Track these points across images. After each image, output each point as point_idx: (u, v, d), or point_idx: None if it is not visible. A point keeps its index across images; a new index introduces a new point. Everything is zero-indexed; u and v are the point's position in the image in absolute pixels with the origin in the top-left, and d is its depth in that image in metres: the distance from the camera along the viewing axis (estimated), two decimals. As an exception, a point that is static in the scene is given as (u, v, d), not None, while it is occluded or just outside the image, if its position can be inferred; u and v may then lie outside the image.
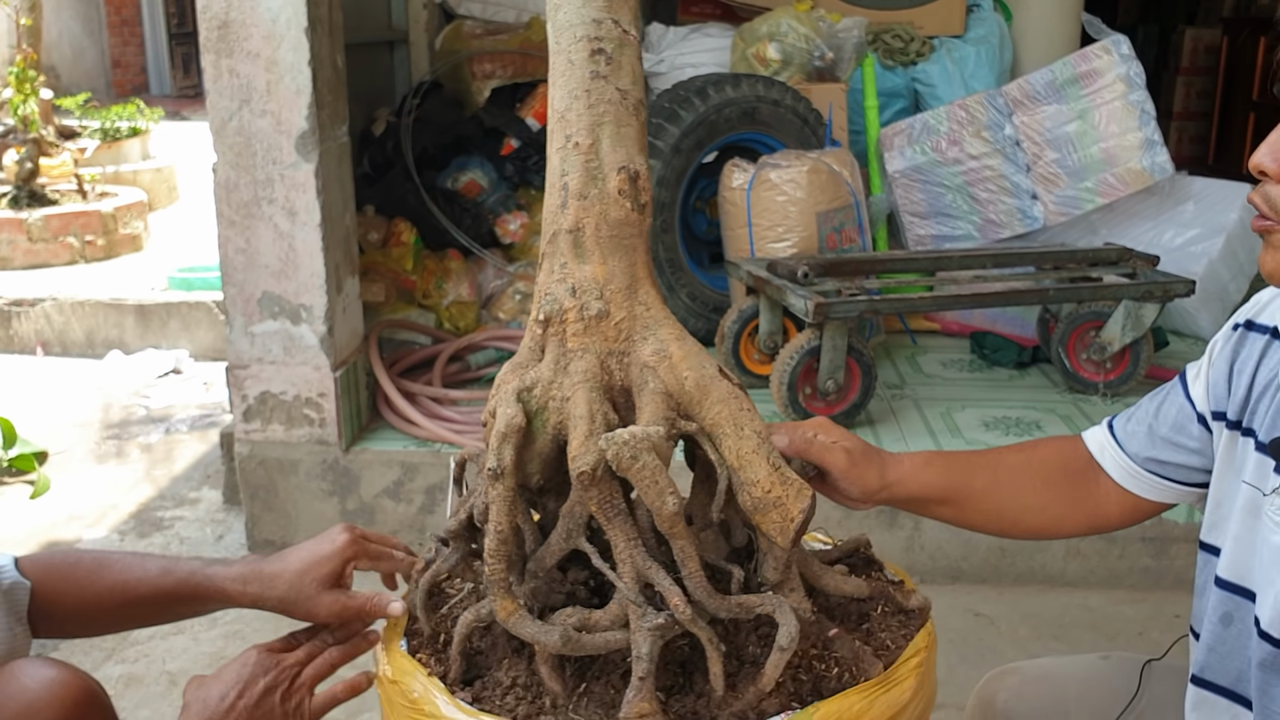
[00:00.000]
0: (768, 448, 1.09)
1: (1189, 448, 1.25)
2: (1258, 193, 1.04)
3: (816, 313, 2.78)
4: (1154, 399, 1.30)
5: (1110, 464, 1.31)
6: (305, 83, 2.63)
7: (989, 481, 1.32)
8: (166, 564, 1.29)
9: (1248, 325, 1.21)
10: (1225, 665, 1.19)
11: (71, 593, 1.27)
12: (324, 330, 2.78)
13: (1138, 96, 3.70)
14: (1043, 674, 1.48)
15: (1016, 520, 1.34)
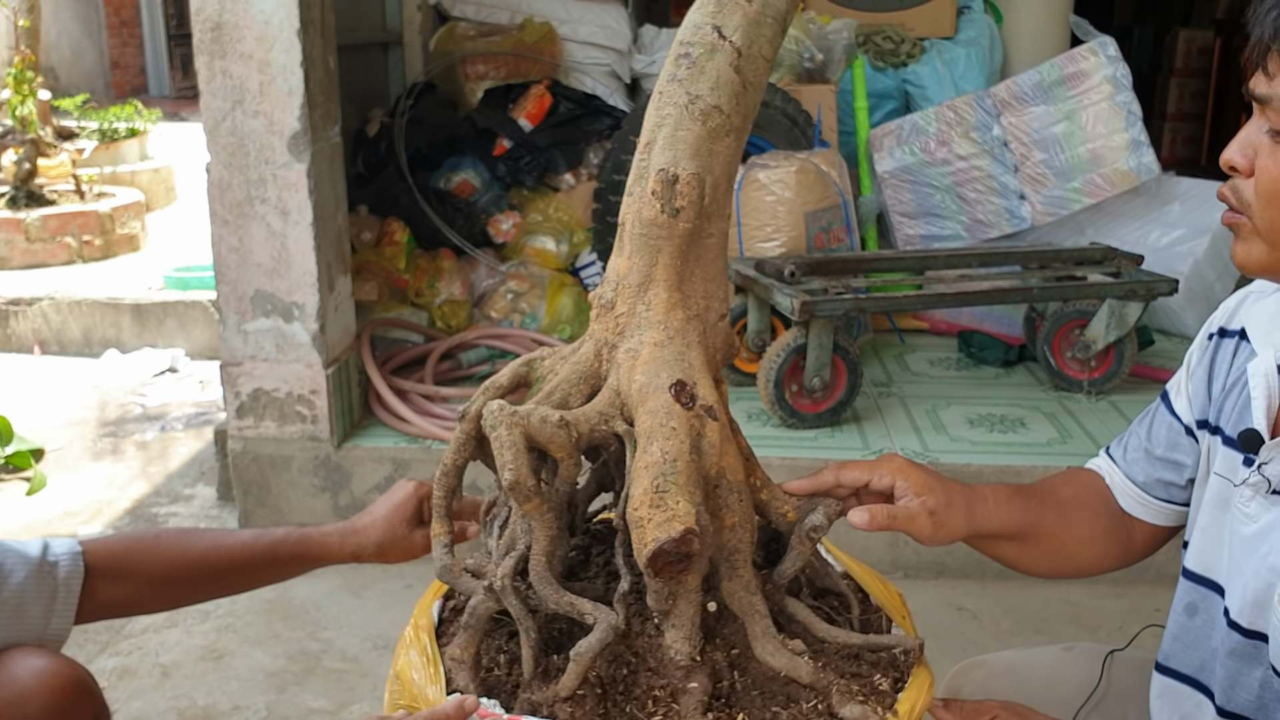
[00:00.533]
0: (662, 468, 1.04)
1: (1184, 464, 1.26)
2: (1227, 186, 1.07)
3: (802, 311, 2.82)
4: (1142, 423, 1.32)
5: (1121, 494, 1.32)
6: (297, 84, 2.67)
7: (1057, 518, 1.30)
8: (256, 531, 1.34)
9: (1220, 333, 1.24)
10: (1189, 654, 1.21)
11: (157, 560, 1.27)
12: (316, 328, 2.81)
13: (1124, 98, 3.74)
14: (1008, 666, 1.51)
15: (1070, 555, 1.32)
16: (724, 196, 1.15)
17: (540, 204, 3.73)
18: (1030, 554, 1.30)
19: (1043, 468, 2.78)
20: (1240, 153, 1.04)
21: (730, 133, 1.13)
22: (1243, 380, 1.16)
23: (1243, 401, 1.14)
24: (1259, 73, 1.01)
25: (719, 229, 1.16)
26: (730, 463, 1.12)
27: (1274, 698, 1.11)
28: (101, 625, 2.68)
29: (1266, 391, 1.11)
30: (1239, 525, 1.12)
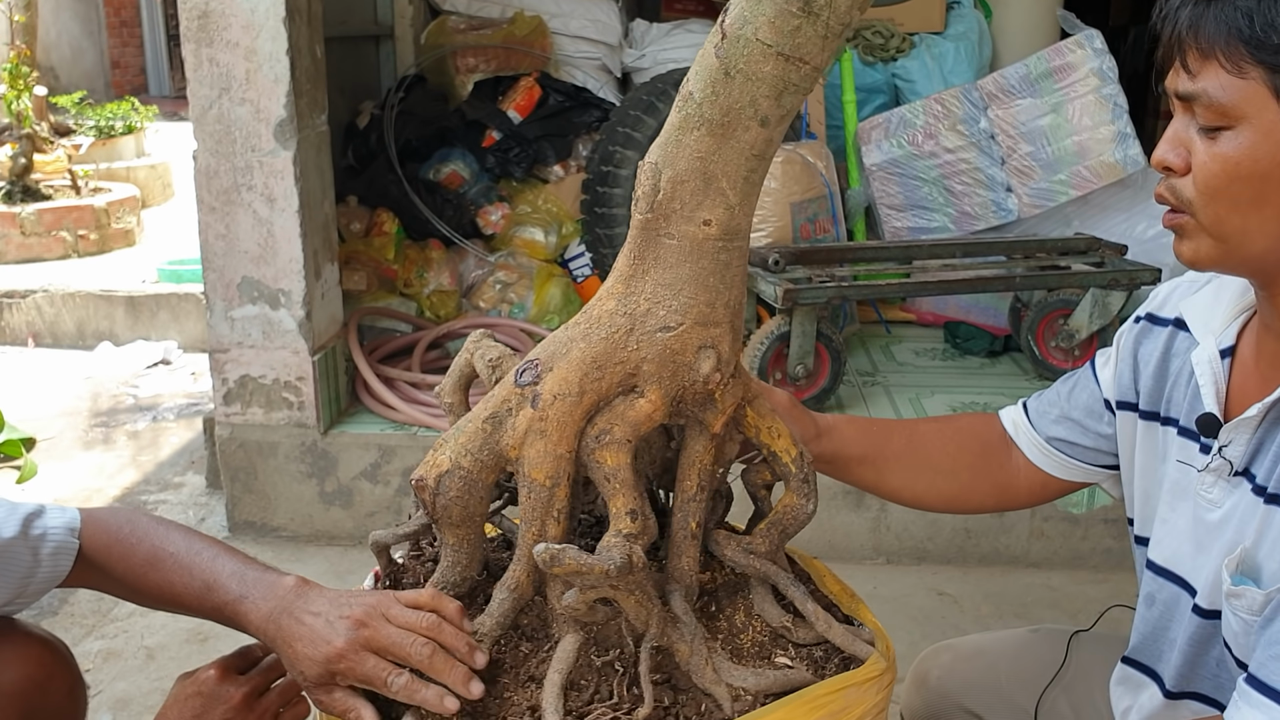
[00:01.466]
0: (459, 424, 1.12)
1: (1098, 432, 1.30)
2: (1164, 186, 1.06)
3: (785, 298, 2.84)
4: (1066, 382, 1.35)
5: (1025, 441, 1.36)
6: (283, 71, 2.69)
7: (904, 444, 1.37)
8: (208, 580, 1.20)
9: (1149, 318, 1.26)
10: (1147, 645, 1.24)
11: (126, 574, 1.26)
12: (302, 315, 2.83)
13: (1110, 90, 3.76)
14: (975, 649, 1.53)
15: (930, 485, 1.38)
16: (693, 197, 1.00)
17: (529, 195, 3.75)
18: (886, 479, 1.37)
19: (1024, 454, 2.80)
20: (1172, 151, 1.04)
21: (701, 125, 0.97)
22: (1187, 370, 1.17)
23: (1192, 391, 1.16)
24: (1179, 71, 1.01)
25: (683, 233, 1.01)
26: (531, 455, 1.05)
27: (1229, 675, 1.12)
28: (88, 609, 2.70)
29: (1213, 377, 1.13)
30: (1202, 513, 1.13)
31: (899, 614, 2.65)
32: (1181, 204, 1.04)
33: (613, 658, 1.06)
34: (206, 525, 3.09)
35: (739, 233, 1.04)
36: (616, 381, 1.04)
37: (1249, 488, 1.08)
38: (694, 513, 1.10)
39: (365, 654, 1.03)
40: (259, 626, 1.11)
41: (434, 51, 4.08)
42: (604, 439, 1.04)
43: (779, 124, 1.00)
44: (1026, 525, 2.83)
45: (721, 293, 1.04)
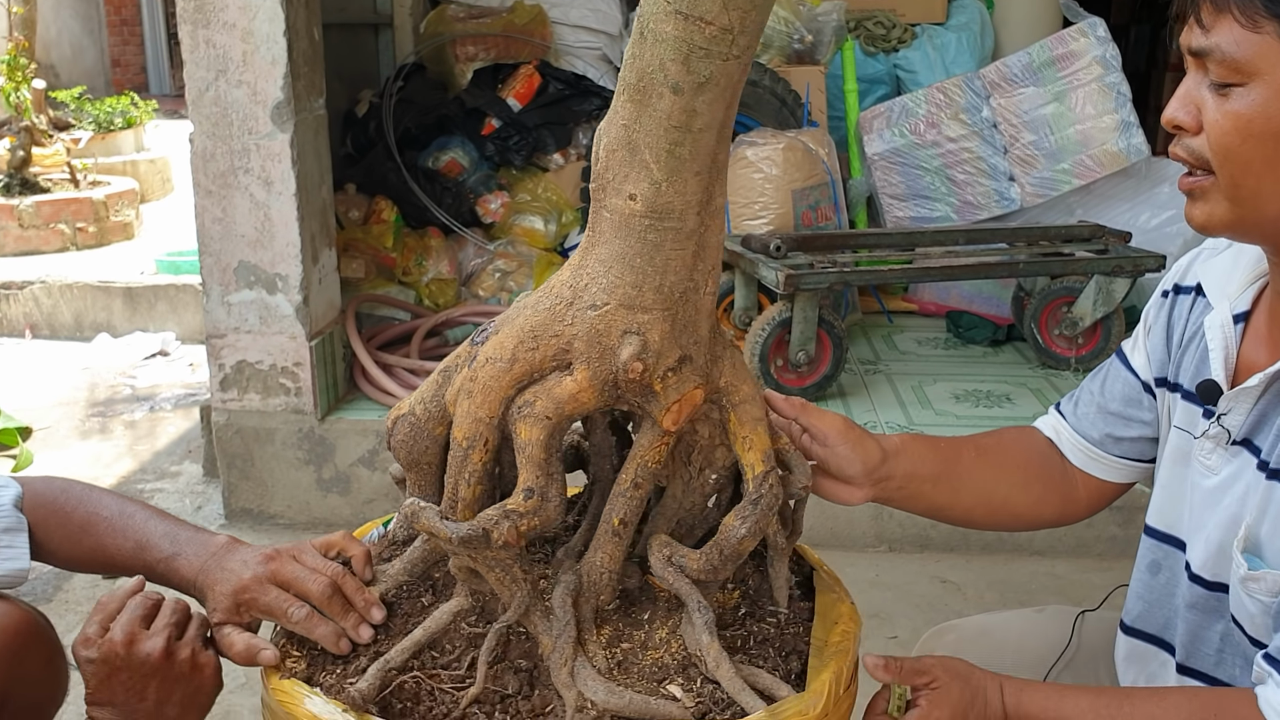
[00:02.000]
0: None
1: (1142, 420, 1.25)
2: (1179, 147, 1.04)
3: (787, 284, 2.81)
4: (1095, 379, 1.30)
5: (1069, 449, 1.30)
6: (281, 53, 2.67)
7: (976, 458, 1.29)
8: (140, 540, 1.23)
9: (1176, 290, 1.23)
10: (1153, 613, 1.21)
11: (62, 543, 1.27)
12: (299, 300, 2.81)
13: (1114, 79, 3.74)
14: (980, 630, 1.50)
15: (1006, 500, 1.31)
16: (620, 168, 0.95)
17: (529, 184, 3.73)
18: (961, 498, 1.29)
19: (1027, 440, 2.77)
20: (1182, 109, 1.01)
21: (625, 90, 0.93)
22: (1199, 335, 1.15)
23: (1200, 355, 1.14)
24: (1193, 27, 0.99)
25: (613, 206, 0.97)
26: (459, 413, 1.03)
27: (1234, 651, 1.11)
28: (82, 596, 2.67)
29: (1224, 343, 1.10)
30: (1200, 479, 1.11)
31: (902, 601, 2.62)
32: (1199, 163, 1.01)
33: (485, 631, 1.03)
34: (203, 513, 3.07)
35: (669, 213, 0.96)
36: (551, 355, 1.00)
37: (1251, 460, 1.06)
38: (620, 508, 1.03)
39: (269, 585, 1.09)
40: (190, 580, 1.15)
41: (433, 40, 4.06)
42: (524, 411, 1.00)
43: (697, 93, 0.90)
44: (1030, 512, 2.80)
45: (650, 276, 0.97)
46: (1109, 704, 1.03)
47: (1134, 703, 1.03)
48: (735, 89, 0.93)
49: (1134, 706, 1.02)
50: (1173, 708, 1.01)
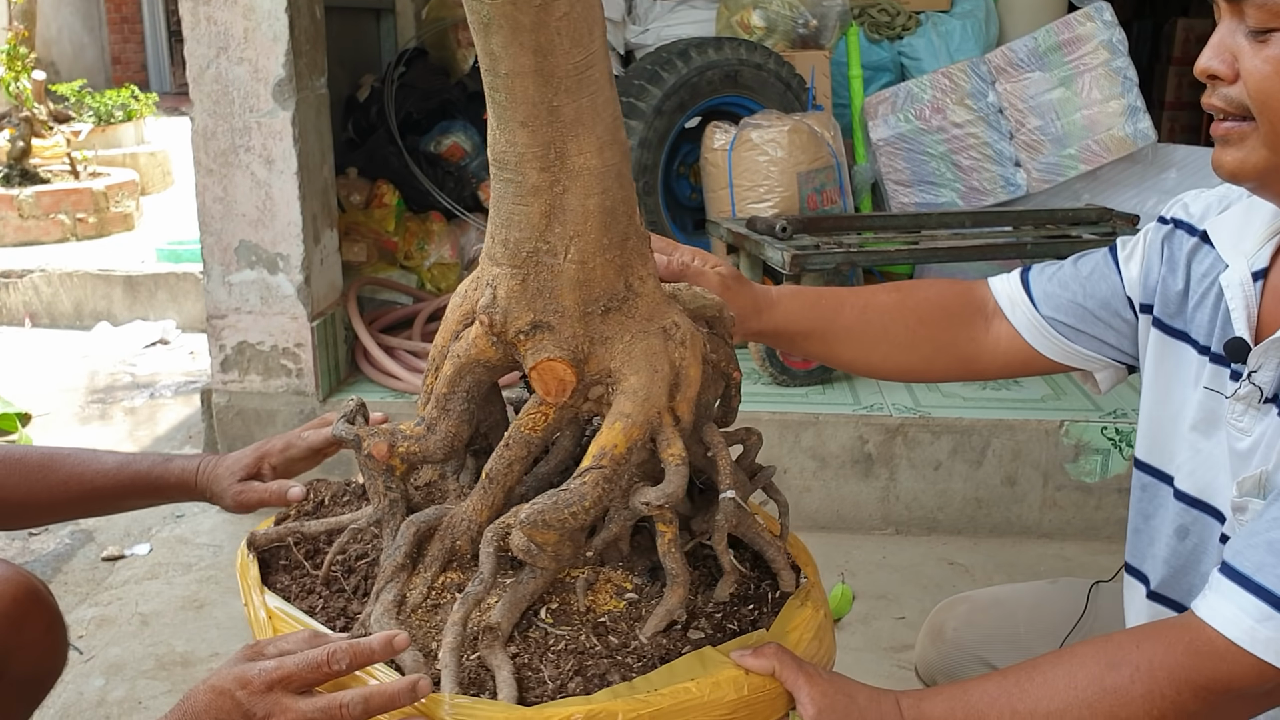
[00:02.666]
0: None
1: (1114, 326, 1.24)
2: (1215, 96, 1.02)
3: (793, 264, 2.79)
4: (1079, 265, 1.27)
5: (1020, 318, 1.28)
6: (282, 30, 2.64)
7: (856, 317, 1.30)
8: (122, 459, 1.28)
9: (1176, 222, 1.20)
10: (1180, 580, 1.18)
11: (17, 488, 1.24)
12: (301, 280, 2.78)
13: (1120, 63, 3.71)
14: (992, 600, 1.47)
15: (885, 358, 1.32)
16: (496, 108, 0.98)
17: (531, 168, 3.70)
18: (836, 352, 1.32)
19: (1036, 422, 2.75)
20: (1216, 58, 0.99)
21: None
22: (1213, 290, 1.13)
23: (1222, 315, 1.11)
24: None
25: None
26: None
27: None
28: (81, 578, 2.65)
29: (1244, 300, 1.08)
30: (1234, 442, 1.08)
31: (909, 583, 2.59)
32: (1238, 110, 0.99)
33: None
34: (203, 497, 3.04)
35: (505, 163, 0.94)
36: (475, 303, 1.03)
37: (1276, 413, 1.04)
38: (490, 463, 1.03)
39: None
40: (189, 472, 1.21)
41: (435, 24, 4.03)
42: (449, 351, 1.04)
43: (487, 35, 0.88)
44: (1039, 495, 2.78)
45: (499, 228, 0.96)
46: (1019, 679, 0.96)
47: (1043, 669, 0.96)
48: (533, 33, 0.86)
49: (1044, 673, 0.96)
50: (1088, 658, 0.96)
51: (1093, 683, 0.93)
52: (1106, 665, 0.94)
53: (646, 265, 1.03)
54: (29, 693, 1.29)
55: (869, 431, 2.77)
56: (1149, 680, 0.92)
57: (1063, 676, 0.95)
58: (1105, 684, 0.93)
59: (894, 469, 2.78)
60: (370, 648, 0.89)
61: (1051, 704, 0.94)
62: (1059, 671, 0.95)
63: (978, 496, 2.79)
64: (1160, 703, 0.92)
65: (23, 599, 1.26)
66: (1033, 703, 0.94)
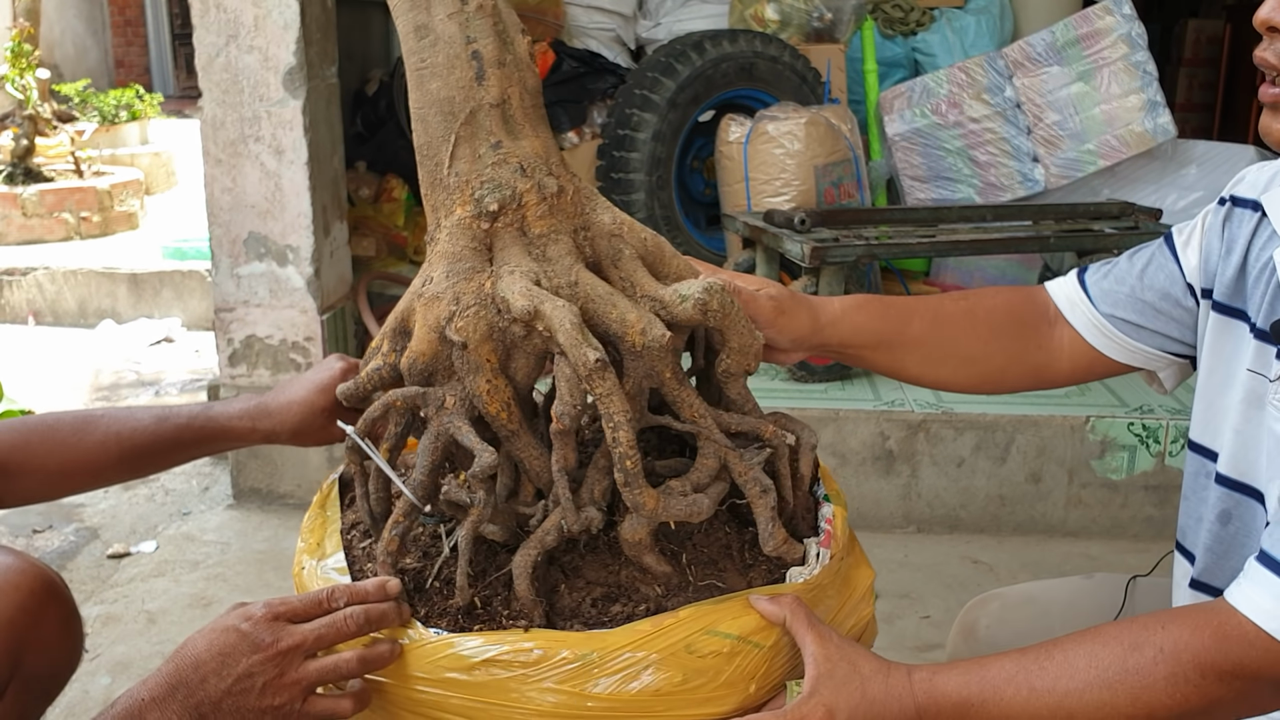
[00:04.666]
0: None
1: (1175, 317, 1.19)
2: (1269, 52, 0.98)
3: (813, 257, 2.73)
4: (1135, 259, 1.23)
5: (1080, 320, 1.24)
6: (293, 17, 2.60)
7: (926, 328, 1.24)
8: (160, 412, 1.21)
9: (1234, 200, 1.16)
10: (1223, 566, 1.13)
11: (52, 455, 1.18)
12: (311, 272, 2.73)
13: (1140, 57, 3.66)
14: (1026, 598, 1.43)
15: (955, 371, 1.26)
16: None
17: (543, 163, 3.65)
18: (904, 364, 1.25)
19: (1061, 417, 2.69)
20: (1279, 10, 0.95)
21: None
22: (1269, 269, 1.08)
23: (1272, 291, 1.06)
24: None
25: None
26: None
27: None
28: (87, 575, 2.60)
29: None
30: (1274, 423, 1.04)
31: (932, 581, 2.54)
32: None
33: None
34: (210, 494, 2.98)
35: None
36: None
37: None
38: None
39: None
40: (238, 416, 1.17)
41: (445, 19, 3.98)
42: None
43: None
44: (1064, 493, 2.72)
45: None
46: (1038, 658, 0.93)
47: (1064, 648, 0.93)
48: None
49: (1065, 652, 0.93)
50: (1110, 638, 0.92)
51: (1115, 663, 0.90)
52: (1130, 646, 0.91)
53: None
54: (44, 688, 1.23)
55: (890, 428, 2.71)
56: (1173, 663, 0.89)
57: (1084, 656, 0.92)
58: (1128, 665, 0.90)
59: (916, 466, 2.72)
60: (365, 589, 0.95)
61: (1071, 683, 0.91)
62: (1080, 651, 0.92)
63: (1001, 494, 2.73)
64: (1184, 686, 0.88)
65: (40, 592, 1.21)
66: (1051, 680, 0.91)
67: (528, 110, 1.02)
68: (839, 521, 1.07)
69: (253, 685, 0.89)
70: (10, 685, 1.15)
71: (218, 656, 0.90)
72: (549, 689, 0.88)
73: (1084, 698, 0.90)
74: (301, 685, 0.91)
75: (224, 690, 0.89)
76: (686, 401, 1.00)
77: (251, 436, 1.22)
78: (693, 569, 1.02)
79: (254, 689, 0.89)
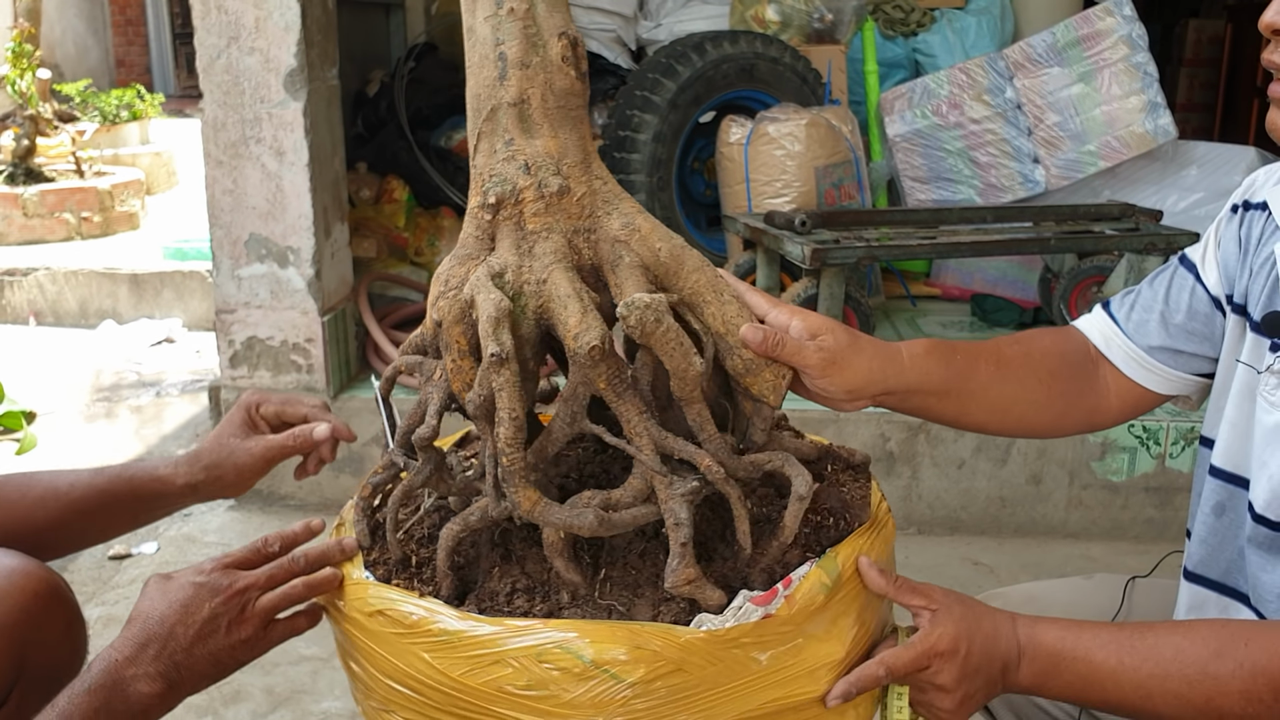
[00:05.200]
0: (747, 310, 1.05)
1: (1205, 335, 1.18)
2: (1277, 54, 0.98)
3: (814, 258, 2.73)
4: (1156, 285, 1.22)
5: (1119, 355, 1.23)
6: (294, 19, 2.60)
7: (992, 373, 1.20)
8: (100, 467, 1.25)
9: (1245, 206, 1.16)
10: (1216, 558, 1.15)
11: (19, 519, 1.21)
12: (312, 273, 2.73)
13: (1140, 58, 3.66)
14: (1027, 597, 1.43)
15: (1021, 417, 1.23)
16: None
17: (544, 164, 3.65)
18: (969, 411, 1.20)
19: (1061, 419, 2.69)
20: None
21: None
22: (1270, 263, 1.08)
23: (1270, 284, 1.07)
24: None
25: None
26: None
27: None
28: (88, 576, 2.60)
29: None
30: (1263, 415, 1.05)
31: (933, 582, 2.53)
32: None
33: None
34: (211, 495, 2.99)
35: None
36: None
37: None
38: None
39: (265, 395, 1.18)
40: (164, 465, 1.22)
41: (445, 19, 3.99)
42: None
43: None
44: (1064, 494, 2.72)
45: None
46: (1130, 635, 0.99)
47: (1157, 633, 0.99)
48: None
49: (1157, 637, 0.99)
50: (1199, 638, 0.98)
51: (1197, 663, 0.96)
52: (1214, 653, 0.96)
53: None
54: (48, 690, 1.24)
55: (891, 429, 2.72)
56: (1249, 680, 0.94)
57: (1171, 646, 0.97)
58: (1208, 669, 0.95)
59: (916, 467, 2.73)
60: (295, 531, 1.10)
61: (1156, 667, 0.97)
62: (1171, 640, 0.98)
63: (1002, 495, 2.73)
64: (1256, 705, 0.94)
65: (44, 594, 1.21)
66: (1140, 659, 0.97)
67: (550, 111, 1.04)
68: (807, 585, 0.96)
69: (218, 626, 1.00)
70: (15, 687, 1.15)
71: (180, 608, 1.00)
72: (417, 655, 0.94)
73: (1165, 685, 0.97)
74: (261, 616, 1.03)
75: (193, 636, 0.99)
76: (624, 415, 0.99)
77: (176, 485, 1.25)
78: (606, 586, 1.00)
79: (220, 629, 1.00)
